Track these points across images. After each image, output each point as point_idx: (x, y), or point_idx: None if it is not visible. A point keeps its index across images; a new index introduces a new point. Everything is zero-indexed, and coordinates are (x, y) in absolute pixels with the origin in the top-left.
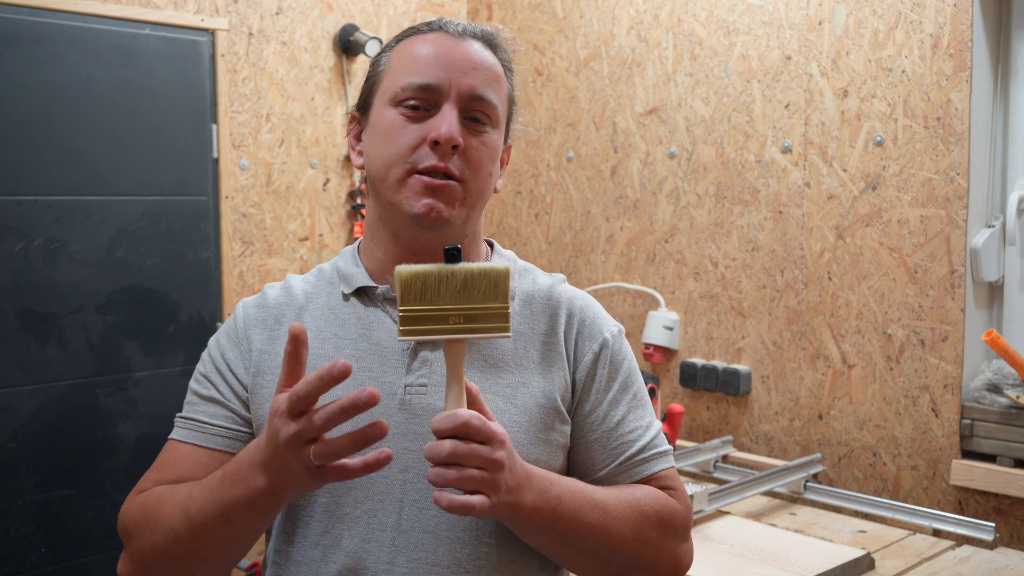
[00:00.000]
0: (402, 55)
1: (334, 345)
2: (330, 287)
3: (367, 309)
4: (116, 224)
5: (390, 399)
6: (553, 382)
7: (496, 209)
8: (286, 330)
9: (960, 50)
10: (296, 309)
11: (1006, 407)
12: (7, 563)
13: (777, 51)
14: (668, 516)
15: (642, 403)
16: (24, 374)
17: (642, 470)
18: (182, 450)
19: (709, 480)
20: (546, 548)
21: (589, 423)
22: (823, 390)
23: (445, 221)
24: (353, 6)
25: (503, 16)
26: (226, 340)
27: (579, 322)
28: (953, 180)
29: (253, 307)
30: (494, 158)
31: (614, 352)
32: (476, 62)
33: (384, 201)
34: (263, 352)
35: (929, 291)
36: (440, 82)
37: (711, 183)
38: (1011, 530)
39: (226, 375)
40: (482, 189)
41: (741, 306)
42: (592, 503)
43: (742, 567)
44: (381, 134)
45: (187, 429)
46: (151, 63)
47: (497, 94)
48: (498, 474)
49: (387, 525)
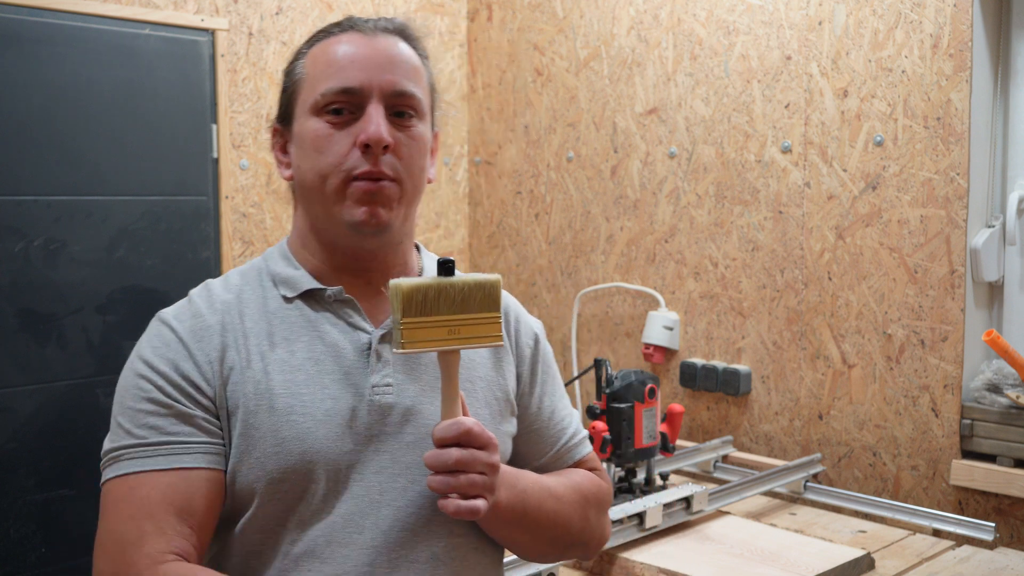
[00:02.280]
0: (317, 61)
1: (287, 349)
2: (263, 290)
3: (317, 313)
4: (116, 224)
5: (358, 401)
6: (504, 374)
7: (496, 209)
8: (232, 337)
9: (960, 50)
10: (236, 314)
11: (1006, 407)
12: (7, 563)
13: (777, 51)
14: (602, 496)
15: (564, 391)
16: (24, 374)
17: (574, 454)
18: (167, 481)
19: (709, 480)
20: (506, 537)
21: (532, 414)
22: (823, 390)
23: (386, 225)
24: (353, 6)
25: (503, 16)
26: (167, 354)
27: (515, 318)
28: (953, 180)
29: (190, 318)
30: (424, 151)
31: (544, 346)
32: (393, 57)
33: (319, 212)
34: (211, 363)
35: (929, 291)
36: (361, 83)
37: (711, 183)
38: (1011, 530)
39: (187, 389)
40: (416, 185)
41: (741, 306)
42: (548, 492)
43: (742, 567)
44: (309, 145)
45: (162, 456)
46: (151, 63)
47: (418, 86)
48: (494, 477)
49: (364, 527)
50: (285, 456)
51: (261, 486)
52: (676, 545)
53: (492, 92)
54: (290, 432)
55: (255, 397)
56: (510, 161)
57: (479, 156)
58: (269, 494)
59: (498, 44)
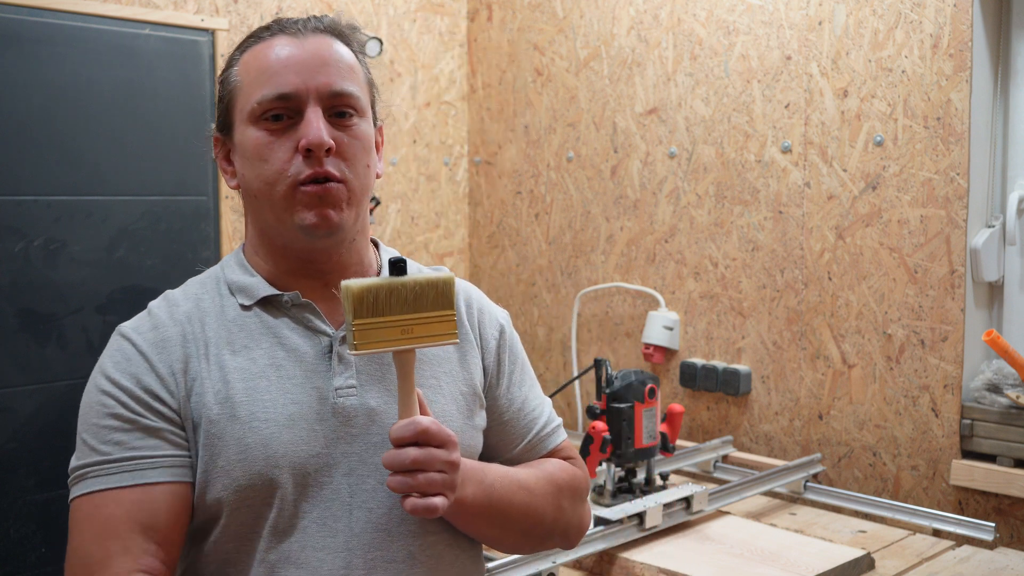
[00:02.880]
0: (249, 68)
1: (247, 357)
2: (221, 299)
3: (275, 319)
4: (116, 224)
5: (322, 404)
6: (469, 368)
7: (496, 209)
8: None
9: (960, 50)
10: (197, 324)
11: (1006, 407)
12: (7, 563)
13: (777, 51)
14: (577, 485)
15: (534, 380)
16: (24, 374)
17: (547, 444)
18: (131, 498)
19: (709, 480)
20: (477, 532)
21: (500, 405)
22: (823, 390)
23: (337, 227)
24: (353, 6)
25: (503, 16)
26: (131, 369)
27: (478, 310)
28: (953, 180)
29: (150, 330)
30: (368, 148)
31: (510, 336)
32: (326, 57)
33: (269, 219)
34: (174, 374)
35: (929, 291)
36: (296, 88)
37: (711, 183)
38: (1011, 530)
39: (149, 402)
40: (364, 184)
41: (741, 306)
42: (518, 485)
43: (742, 567)
44: (251, 154)
45: (126, 472)
46: (151, 63)
47: (355, 83)
48: (455, 474)
49: (338, 531)
50: (250, 463)
51: (228, 495)
52: (676, 545)
53: (492, 92)
54: (254, 439)
55: (217, 406)
56: (510, 161)
57: (479, 156)
58: (238, 502)
59: (498, 44)
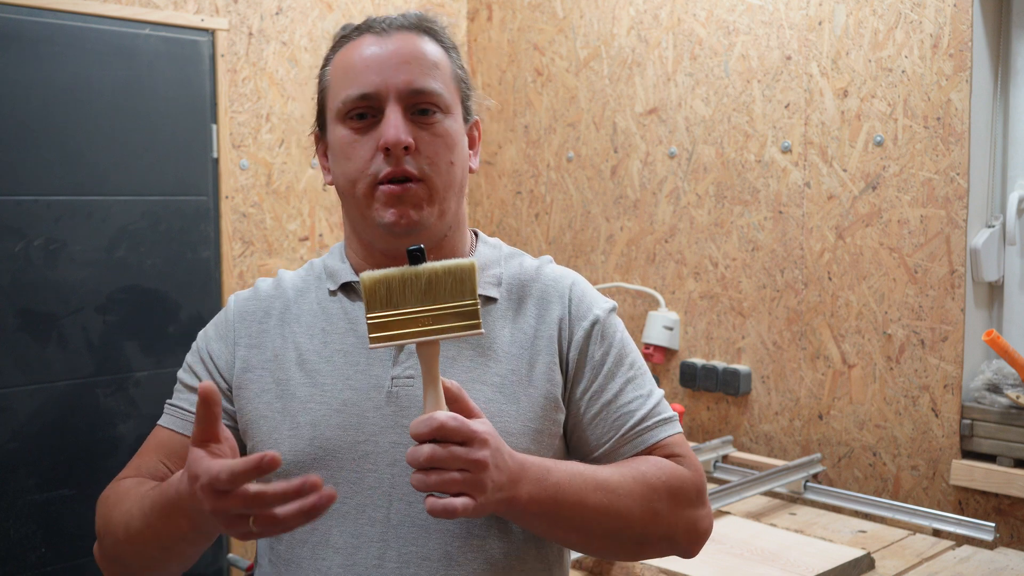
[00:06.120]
0: (337, 68)
1: (322, 340)
2: (319, 282)
3: (353, 304)
4: (116, 224)
5: (377, 392)
6: (544, 368)
7: (496, 209)
8: (275, 323)
9: (960, 50)
10: (284, 303)
11: (1006, 407)
12: (7, 563)
13: (777, 51)
14: (677, 485)
15: (640, 373)
16: (24, 374)
17: (646, 439)
18: (163, 436)
19: (709, 480)
20: (552, 535)
21: (586, 401)
22: (823, 390)
23: (416, 225)
24: (353, 6)
25: (503, 16)
26: (214, 332)
27: (568, 302)
28: (953, 180)
29: (245, 300)
30: (453, 145)
31: (604, 328)
32: (407, 55)
33: (355, 215)
34: (250, 347)
35: (929, 291)
36: (376, 87)
37: (711, 183)
38: (1011, 530)
39: (209, 367)
40: (448, 181)
41: (741, 306)
42: (595, 484)
43: (742, 567)
44: (339, 152)
45: (170, 416)
46: (151, 63)
47: (438, 80)
48: (482, 474)
49: (376, 520)
50: (296, 440)
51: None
52: None
53: (492, 92)
54: (306, 418)
55: (278, 384)
56: (510, 161)
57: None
58: (282, 476)
59: (498, 44)
